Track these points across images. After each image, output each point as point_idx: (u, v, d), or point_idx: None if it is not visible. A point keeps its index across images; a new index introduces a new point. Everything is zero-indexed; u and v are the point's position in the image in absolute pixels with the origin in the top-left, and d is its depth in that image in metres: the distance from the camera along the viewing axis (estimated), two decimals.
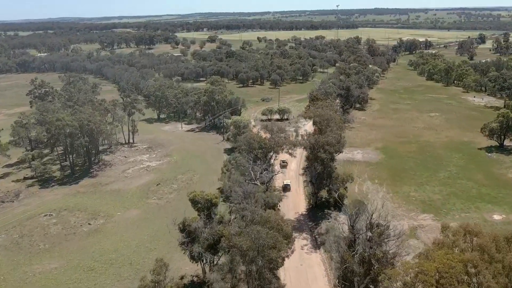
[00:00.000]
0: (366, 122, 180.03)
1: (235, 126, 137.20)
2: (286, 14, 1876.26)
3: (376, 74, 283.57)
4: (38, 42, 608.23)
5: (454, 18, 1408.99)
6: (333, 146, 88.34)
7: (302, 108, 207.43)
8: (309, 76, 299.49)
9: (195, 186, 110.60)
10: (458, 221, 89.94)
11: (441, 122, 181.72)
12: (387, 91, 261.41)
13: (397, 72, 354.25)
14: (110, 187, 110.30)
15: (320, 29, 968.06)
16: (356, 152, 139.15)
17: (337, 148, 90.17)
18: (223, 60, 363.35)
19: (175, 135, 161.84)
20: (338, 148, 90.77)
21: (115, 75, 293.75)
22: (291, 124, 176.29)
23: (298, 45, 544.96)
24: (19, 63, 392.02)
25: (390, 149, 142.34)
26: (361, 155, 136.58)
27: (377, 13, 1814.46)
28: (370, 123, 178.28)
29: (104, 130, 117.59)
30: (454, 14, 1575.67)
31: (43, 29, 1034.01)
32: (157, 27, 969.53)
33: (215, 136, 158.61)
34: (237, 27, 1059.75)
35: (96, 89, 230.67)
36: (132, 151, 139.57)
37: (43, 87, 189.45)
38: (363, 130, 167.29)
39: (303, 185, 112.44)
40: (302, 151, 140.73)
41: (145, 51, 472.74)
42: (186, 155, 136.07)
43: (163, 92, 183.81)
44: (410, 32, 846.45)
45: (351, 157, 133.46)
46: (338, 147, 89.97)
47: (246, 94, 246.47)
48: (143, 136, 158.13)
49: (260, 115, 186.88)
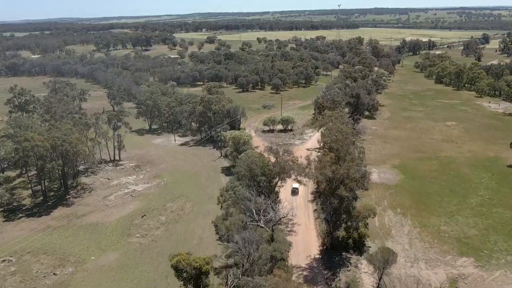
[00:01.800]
0: (378, 133, 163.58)
1: (234, 142, 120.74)
2: (286, 14, 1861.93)
3: (383, 77, 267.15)
4: (32, 43, 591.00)
5: (454, 17, 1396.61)
6: (356, 181, 71.16)
7: (306, 117, 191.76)
8: (312, 79, 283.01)
9: (187, 218, 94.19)
10: (505, 268, 73.76)
11: (460, 132, 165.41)
12: (396, 96, 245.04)
13: (403, 74, 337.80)
14: (87, 219, 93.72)
15: (320, 29, 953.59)
16: (372, 171, 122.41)
17: (361, 184, 73.05)
18: (222, 63, 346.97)
19: (167, 149, 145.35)
20: (363, 184, 73.65)
21: (107, 79, 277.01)
22: (295, 136, 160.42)
23: (299, 46, 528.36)
24: (9, 66, 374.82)
25: (409, 168, 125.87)
26: (377, 174, 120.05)
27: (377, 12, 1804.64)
28: (382, 134, 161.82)
29: (82, 151, 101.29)
30: (454, 13, 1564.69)
31: (40, 30, 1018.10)
32: (155, 28, 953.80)
33: (211, 151, 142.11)
34: (236, 27, 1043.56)
35: (84, 95, 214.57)
36: (117, 171, 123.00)
37: (23, 95, 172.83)
38: (376, 143, 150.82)
39: (313, 216, 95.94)
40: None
41: (141, 53, 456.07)
42: (178, 175, 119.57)
43: (154, 101, 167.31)
44: (412, 32, 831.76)
45: None
46: (362, 182, 72.84)
47: (246, 100, 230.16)
48: (131, 152, 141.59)
49: (262, 126, 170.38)
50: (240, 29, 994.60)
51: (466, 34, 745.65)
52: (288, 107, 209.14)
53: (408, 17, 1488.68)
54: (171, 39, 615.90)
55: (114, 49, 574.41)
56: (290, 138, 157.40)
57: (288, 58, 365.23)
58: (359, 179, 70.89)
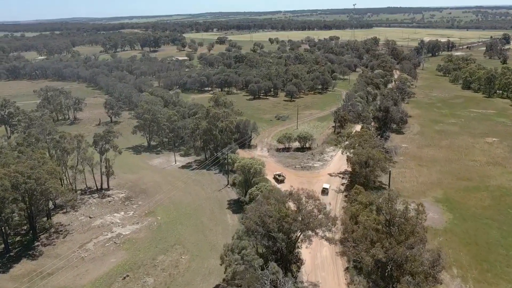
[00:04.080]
0: (411, 153, 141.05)
1: (244, 171, 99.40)
2: (297, 14, 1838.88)
3: (407, 83, 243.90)
4: (41, 44, 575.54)
5: (470, 16, 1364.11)
6: (425, 274, 48.43)
7: (326, 130, 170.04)
8: (329, 85, 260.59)
9: (181, 280, 73.11)
10: None
11: (505, 152, 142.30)
12: (423, 104, 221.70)
13: (426, 79, 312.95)
14: (53, 281, 73.00)
15: (333, 29, 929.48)
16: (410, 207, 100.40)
17: (432, 279, 50.59)
18: (232, 66, 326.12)
19: (165, 174, 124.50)
20: (435, 278, 51.21)
21: (108, 85, 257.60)
22: (315, 156, 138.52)
23: (312, 47, 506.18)
24: (9, 69, 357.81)
25: (456, 202, 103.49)
26: None
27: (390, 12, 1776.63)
28: (416, 155, 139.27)
29: (53, 188, 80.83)
30: (470, 12, 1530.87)
31: (51, 30, 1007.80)
32: (166, 28, 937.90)
33: (217, 177, 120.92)
34: (247, 27, 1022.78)
35: (79, 105, 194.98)
36: (103, 205, 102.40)
37: (6, 107, 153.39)
38: (410, 166, 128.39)
39: (344, 280, 74.00)
40: (337, 198, 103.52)
41: (148, 55, 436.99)
42: (175, 212, 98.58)
43: (154, 114, 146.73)
44: (428, 32, 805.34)
45: None
46: (433, 273, 50.39)
47: (257, 110, 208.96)
48: (123, 177, 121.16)
49: (276, 143, 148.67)
50: (252, 29, 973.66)
51: (485, 34, 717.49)
52: (304, 118, 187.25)
53: (422, 16, 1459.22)
54: (180, 40, 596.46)
55: (121, 50, 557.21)
56: (308, 158, 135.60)
57: (303, 61, 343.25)
58: (429, 270, 48.59)
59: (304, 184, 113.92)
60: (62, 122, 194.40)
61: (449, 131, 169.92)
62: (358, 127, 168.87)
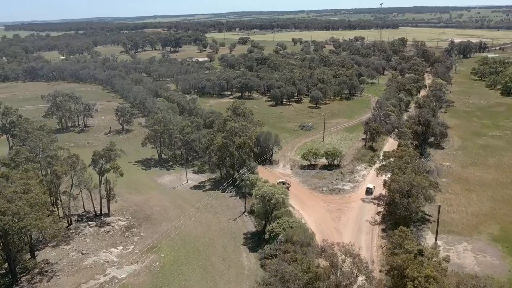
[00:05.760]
0: (454, 173, 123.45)
1: (263, 201, 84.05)
2: (321, 13, 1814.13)
3: (442, 89, 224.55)
4: (63, 44, 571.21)
5: (500, 16, 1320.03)
6: None
7: (355, 143, 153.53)
8: (357, 90, 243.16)
9: None
10: None
11: None
12: (460, 113, 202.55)
13: (460, 83, 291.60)
14: None
15: (358, 29, 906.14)
16: (461, 247, 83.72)
17: None
18: (253, 68, 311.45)
19: (175, 195, 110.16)
20: None
21: (124, 89, 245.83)
22: (344, 175, 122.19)
23: (337, 48, 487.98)
24: (27, 70, 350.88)
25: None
26: (472, 255, 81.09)
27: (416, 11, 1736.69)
28: (460, 176, 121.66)
29: (32, 226, 66.85)
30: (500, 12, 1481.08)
31: (75, 30, 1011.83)
32: (188, 27, 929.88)
33: (233, 201, 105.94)
34: (270, 27, 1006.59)
35: (89, 111, 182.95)
36: (100, 236, 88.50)
37: (8, 116, 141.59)
38: (456, 190, 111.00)
39: None
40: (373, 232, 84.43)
41: (168, 56, 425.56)
42: (183, 248, 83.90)
43: (165, 125, 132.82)
44: (457, 32, 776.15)
45: (455, 260, 78.17)
46: None
47: (279, 118, 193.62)
48: (127, 198, 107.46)
49: (300, 159, 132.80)
50: (274, 29, 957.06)
51: None
52: (331, 129, 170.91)
53: (450, 15, 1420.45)
54: (202, 40, 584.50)
55: (142, 50, 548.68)
56: (337, 179, 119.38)
57: (328, 63, 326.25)
58: None
59: (333, 212, 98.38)
60: (71, 129, 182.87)
61: (495, 146, 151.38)
62: (391, 139, 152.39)
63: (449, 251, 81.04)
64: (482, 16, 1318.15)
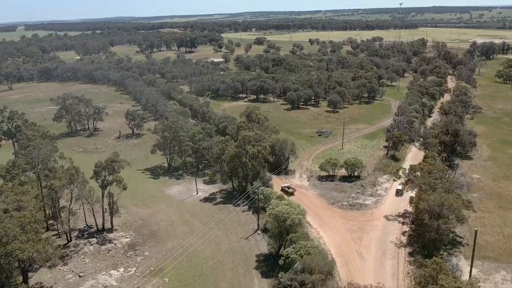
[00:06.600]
0: (485, 188, 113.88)
1: (278, 220, 76.15)
2: (338, 13, 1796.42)
3: (468, 93, 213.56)
4: (80, 44, 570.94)
5: None
6: None
7: (376, 151, 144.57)
8: (376, 93, 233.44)
9: None
10: None
11: None
12: (487, 119, 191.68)
13: (485, 86, 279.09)
14: None
15: (376, 29, 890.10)
16: (499, 276, 74.61)
17: None
18: (269, 70, 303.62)
19: (183, 209, 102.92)
20: None
21: (136, 91, 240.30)
22: (365, 188, 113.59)
23: (355, 48, 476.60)
24: (41, 70, 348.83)
25: None
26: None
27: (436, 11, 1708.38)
28: (492, 190, 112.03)
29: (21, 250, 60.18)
30: None
31: (93, 29, 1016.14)
32: (204, 27, 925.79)
33: (245, 217, 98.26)
34: (287, 27, 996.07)
35: (99, 114, 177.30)
36: (100, 255, 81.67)
37: (13, 120, 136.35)
38: (489, 208, 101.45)
39: None
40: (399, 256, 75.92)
41: (183, 56, 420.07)
42: (189, 272, 76.50)
43: (175, 132, 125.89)
44: (478, 33, 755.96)
45: None
46: None
47: (296, 122, 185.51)
48: (132, 211, 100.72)
49: (318, 169, 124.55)
50: (291, 29, 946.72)
51: None
52: (350, 135, 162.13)
53: (470, 15, 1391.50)
54: (217, 40, 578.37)
55: (158, 51, 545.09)
56: (358, 192, 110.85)
57: (346, 65, 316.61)
58: None
59: (354, 231, 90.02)
60: (81, 133, 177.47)
61: None
62: (414, 148, 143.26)
63: (486, 281, 72.30)
64: (504, 16, 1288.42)
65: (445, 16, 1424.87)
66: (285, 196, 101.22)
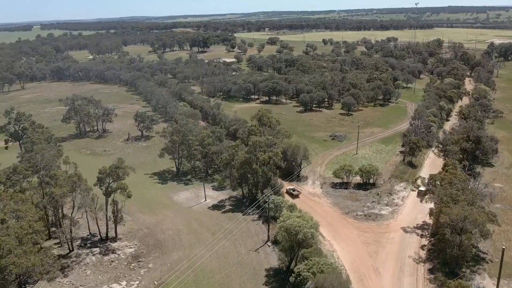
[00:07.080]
0: (509, 197, 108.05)
1: (289, 234, 71.69)
2: (352, 13, 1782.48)
3: (487, 97, 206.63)
4: (93, 43, 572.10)
5: None
6: None
7: (392, 157, 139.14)
8: (392, 95, 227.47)
9: None
10: None
11: None
12: (508, 123, 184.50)
13: (504, 89, 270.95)
14: None
15: (390, 29, 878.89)
16: None
17: None
18: (282, 71, 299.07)
19: (190, 217, 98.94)
20: None
21: (147, 91, 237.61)
22: (381, 197, 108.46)
23: (369, 49, 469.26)
24: (54, 70, 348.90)
25: None
26: None
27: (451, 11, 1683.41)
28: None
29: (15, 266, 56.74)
30: None
31: (107, 29, 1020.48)
32: (217, 27, 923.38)
33: (255, 227, 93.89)
34: (300, 27, 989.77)
35: (108, 116, 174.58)
36: (102, 267, 78.11)
37: (20, 122, 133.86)
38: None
39: None
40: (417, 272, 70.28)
41: (196, 56, 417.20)
42: (195, 287, 72.47)
43: (184, 135, 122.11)
44: (495, 33, 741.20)
45: None
46: None
47: (309, 126, 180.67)
48: (137, 219, 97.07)
49: (331, 175, 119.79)
50: (304, 29, 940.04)
51: None
52: (364, 139, 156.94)
53: (487, 16, 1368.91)
54: (230, 40, 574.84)
55: (170, 50, 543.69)
56: (373, 201, 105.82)
57: (360, 66, 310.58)
58: None
59: (370, 244, 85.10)
60: (89, 134, 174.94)
61: None
62: (432, 154, 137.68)
63: None
64: None
65: (461, 16, 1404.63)
66: (297, 206, 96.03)
